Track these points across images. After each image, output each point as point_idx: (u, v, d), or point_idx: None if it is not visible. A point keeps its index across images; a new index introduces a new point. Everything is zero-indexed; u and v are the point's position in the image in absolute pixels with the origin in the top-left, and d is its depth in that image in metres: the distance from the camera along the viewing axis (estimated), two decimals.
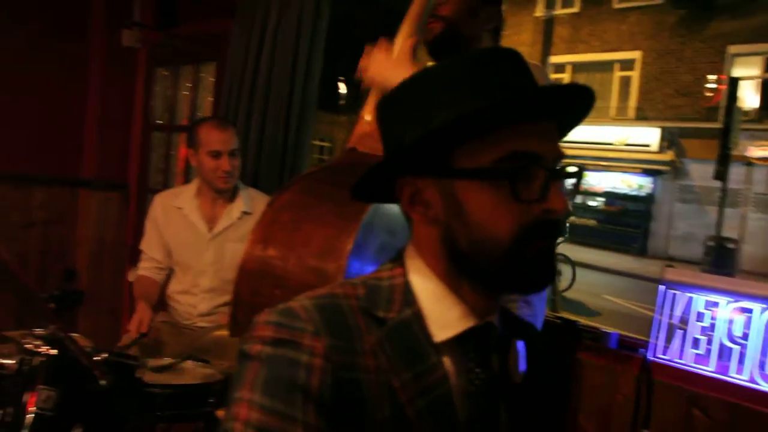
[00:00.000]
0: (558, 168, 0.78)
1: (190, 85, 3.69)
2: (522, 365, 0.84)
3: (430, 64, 1.62)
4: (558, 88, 0.78)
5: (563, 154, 0.79)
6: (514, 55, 0.81)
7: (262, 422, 0.69)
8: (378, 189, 0.88)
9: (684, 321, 2.02)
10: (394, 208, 1.37)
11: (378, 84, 1.57)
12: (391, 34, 1.66)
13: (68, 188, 3.83)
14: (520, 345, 0.85)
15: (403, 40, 1.58)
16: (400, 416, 0.75)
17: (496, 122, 0.75)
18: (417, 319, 0.79)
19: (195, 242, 2.52)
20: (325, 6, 2.76)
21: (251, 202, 2.55)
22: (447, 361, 0.79)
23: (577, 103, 0.82)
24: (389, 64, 1.55)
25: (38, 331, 1.53)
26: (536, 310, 1.73)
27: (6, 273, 1.29)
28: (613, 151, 16.93)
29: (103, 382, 1.12)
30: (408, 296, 0.80)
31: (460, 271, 0.80)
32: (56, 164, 3.78)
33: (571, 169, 0.80)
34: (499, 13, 1.77)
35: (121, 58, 3.86)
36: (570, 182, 0.82)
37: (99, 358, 1.46)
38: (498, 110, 0.74)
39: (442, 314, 0.80)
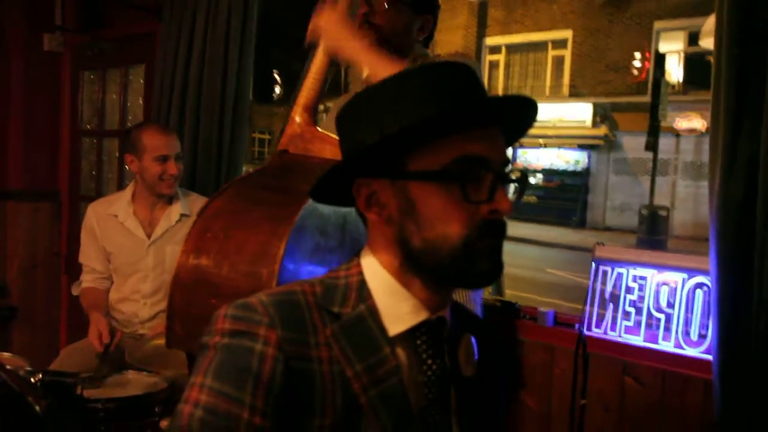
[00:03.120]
0: (504, 172, 0.83)
1: (118, 88, 3.59)
2: (475, 358, 0.89)
3: None
4: (504, 98, 0.84)
5: (509, 160, 0.84)
6: (465, 68, 0.86)
7: (211, 403, 0.73)
8: (335, 191, 0.91)
9: (615, 295, 2.12)
10: (325, 210, 1.39)
11: (328, 46, 1.54)
12: None
13: None
14: (473, 339, 0.90)
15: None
16: (352, 405, 0.79)
17: (447, 128, 0.80)
18: (371, 313, 0.83)
19: (134, 248, 2.49)
20: (254, 1, 2.73)
21: (189, 205, 2.54)
22: (401, 354, 0.84)
23: (520, 110, 0.88)
24: (342, 30, 1.50)
25: None
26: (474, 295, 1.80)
27: None
28: (549, 128, 17.34)
29: (37, 408, 1.10)
30: (363, 292, 0.85)
31: (412, 268, 0.84)
32: None
33: (516, 174, 0.86)
34: (430, 21, 1.78)
35: (43, 62, 3.72)
36: (514, 186, 0.88)
37: (34, 379, 1.42)
38: (448, 117, 0.79)
39: (395, 309, 0.84)
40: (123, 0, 3.38)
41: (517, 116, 0.88)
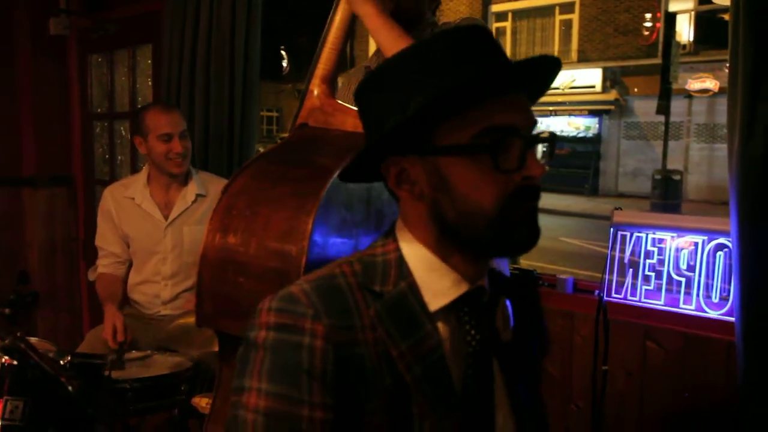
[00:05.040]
0: (533, 135, 0.82)
1: (126, 70, 3.58)
2: (511, 322, 0.90)
3: None
4: (526, 62, 0.81)
5: (536, 121, 0.83)
6: (483, 32, 0.84)
7: (270, 408, 0.74)
8: (363, 170, 0.90)
9: (634, 261, 2.11)
10: (349, 184, 1.38)
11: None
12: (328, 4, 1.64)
13: (10, 188, 3.70)
14: (507, 303, 0.90)
15: None
16: (399, 383, 0.80)
17: (471, 99, 0.78)
18: (412, 290, 0.83)
19: (152, 230, 2.50)
20: None
21: (204, 185, 2.54)
22: (442, 328, 0.84)
23: (543, 71, 0.86)
24: None
25: None
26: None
27: None
28: (558, 95, 17.16)
29: (70, 388, 1.12)
30: (402, 269, 0.84)
31: (449, 241, 0.84)
32: None
33: (544, 135, 0.85)
34: None
35: (50, 47, 3.71)
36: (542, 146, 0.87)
37: (63, 361, 1.45)
38: (471, 88, 0.77)
39: (435, 283, 0.84)
40: None
41: (540, 77, 0.86)
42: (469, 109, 0.79)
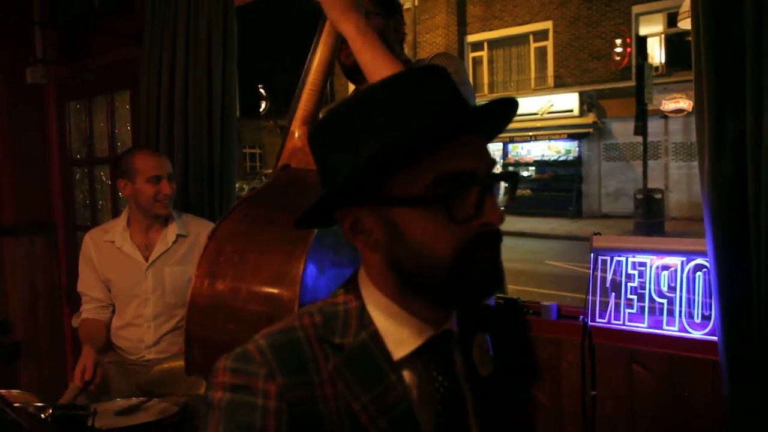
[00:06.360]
0: (491, 177, 0.79)
1: (105, 115, 3.59)
2: (490, 354, 0.88)
3: None
4: (479, 108, 0.79)
5: (494, 162, 0.80)
6: (437, 73, 0.81)
7: None
8: (321, 217, 0.88)
9: (616, 283, 2.12)
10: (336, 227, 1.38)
11: (330, 17, 1.50)
12: (306, 36, 1.67)
13: None
14: (487, 337, 0.88)
15: None
16: None
17: (422, 147, 0.75)
18: (374, 339, 0.81)
19: (133, 273, 2.49)
20: (232, 18, 2.74)
21: (185, 225, 2.55)
22: (409, 376, 0.82)
23: (500, 111, 0.84)
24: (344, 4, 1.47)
25: None
26: None
27: None
28: (537, 120, 17.39)
29: None
30: (363, 318, 0.82)
31: (409, 289, 0.82)
32: None
33: (504, 172, 0.83)
34: (400, 22, 1.81)
35: (28, 95, 3.71)
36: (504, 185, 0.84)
37: (45, 415, 1.42)
38: (422, 137, 0.74)
39: (397, 332, 0.82)
40: (103, 28, 3.39)
41: (497, 118, 0.84)
42: (422, 156, 0.76)
